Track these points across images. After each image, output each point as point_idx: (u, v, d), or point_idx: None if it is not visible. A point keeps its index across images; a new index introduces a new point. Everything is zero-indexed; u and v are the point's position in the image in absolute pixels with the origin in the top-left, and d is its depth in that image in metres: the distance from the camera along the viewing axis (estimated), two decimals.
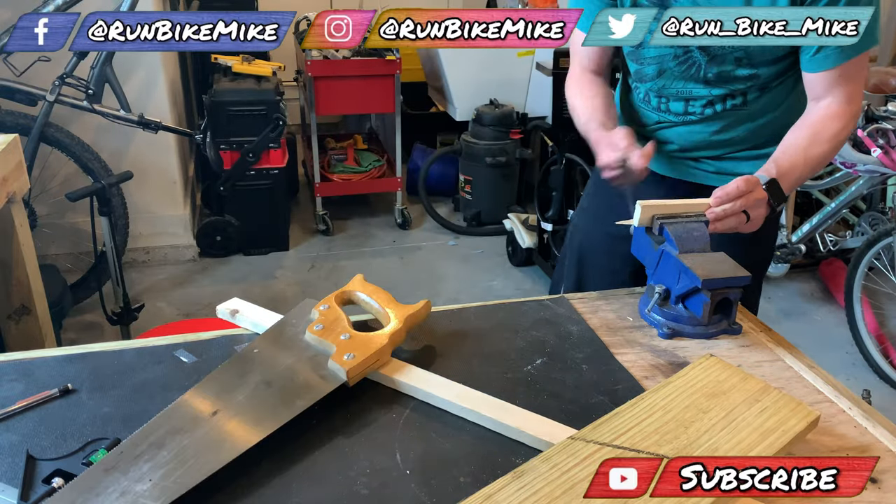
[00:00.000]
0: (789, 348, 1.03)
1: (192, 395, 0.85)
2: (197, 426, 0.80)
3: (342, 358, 0.88)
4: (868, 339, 2.79)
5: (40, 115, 2.67)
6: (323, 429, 0.83)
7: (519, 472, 0.72)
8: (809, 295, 3.31)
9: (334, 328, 0.93)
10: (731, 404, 0.84)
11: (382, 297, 1.00)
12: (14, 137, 1.63)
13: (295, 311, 1.00)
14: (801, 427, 0.82)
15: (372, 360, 0.89)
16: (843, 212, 2.99)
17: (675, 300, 1.05)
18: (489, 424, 0.84)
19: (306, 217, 3.81)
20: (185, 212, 3.38)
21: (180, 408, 0.83)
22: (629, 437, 0.77)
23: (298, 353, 0.92)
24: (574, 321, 1.07)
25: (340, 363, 0.87)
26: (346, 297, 1.02)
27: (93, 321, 2.88)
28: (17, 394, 0.89)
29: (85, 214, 2.57)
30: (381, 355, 0.91)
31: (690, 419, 0.81)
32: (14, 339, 1.73)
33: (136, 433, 0.79)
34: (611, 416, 0.80)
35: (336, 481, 0.76)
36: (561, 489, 0.70)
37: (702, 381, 0.88)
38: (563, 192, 3.04)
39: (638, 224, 1.09)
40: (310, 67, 3.41)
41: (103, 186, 2.48)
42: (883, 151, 2.37)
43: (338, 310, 0.97)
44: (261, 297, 3.04)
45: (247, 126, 3.20)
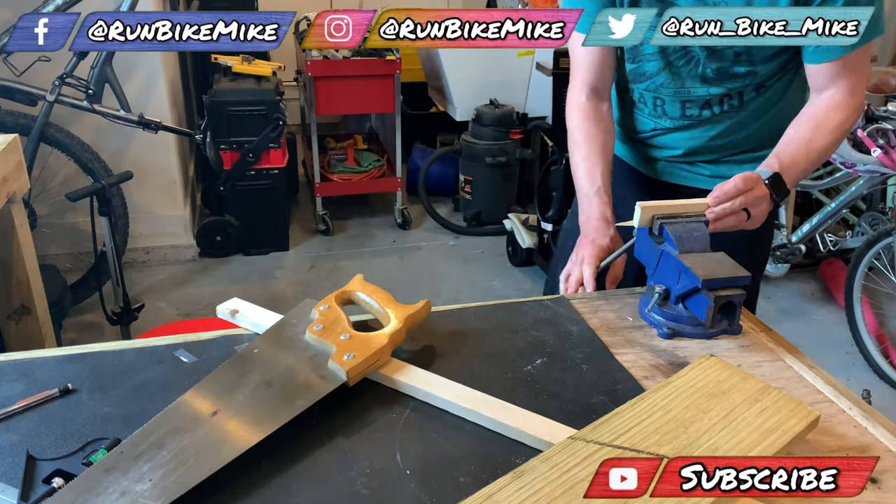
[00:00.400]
0: (789, 348, 1.03)
1: (192, 395, 0.85)
2: (197, 426, 0.80)
3: (342, 358, 0.88)
4: (868, 339, 2.79)
5: (40, 115, 2.67)
6: (323, 429, 0.83)
7: (519, 472, 0.72)
8: (809, 295, 3.31)
9: (334, 328, 0.93)
10: (731, 404, 0.84)
11: (382, 297, 1.00)
12: (14, 137, 1.63)
13: (295, 310, 1.00)
14: (801, 427, 0.81)
15: (372, 360, 0.89)
16: (843, 212, 2.99)
17: (675, 300, 1.04)
18: (489, 424, 0.84)
19: (306, 217, 3.81)
20: (185, 212, 3.38)
21: (180, 408, 0.83)
22: (629, 437, 0.77)
23: (298, 353, 0.92)
24: (574, 321, 1.07)
25: (340, 363, 0.87)
26: (347, 297, 1.02)
27: (93, 321, 2.88)
28: (17, 394, 0.89)
29: (85, 214, 2.57)
30: (381, 355, 0.91)
31: (690, 419, 0.81)
32: (14, 339, 1.73)
33: (136, 433, 0.79)
34: (611, 416, 0.80)
35: (336, 481, 0.76)
36: (561, 489, 0.70)
37: (702, 381, 0.88)
38: (563, 192, 3.04)
39: (638, 225, 1.09)
40: (310, 67, 3.41)
41: (103, 186, 2.48)
42: (883, 151, 2.37)
43: (338, 310, 0.97)
44: (261, 297, 3.04)
45: (247, 126, 3.20)
